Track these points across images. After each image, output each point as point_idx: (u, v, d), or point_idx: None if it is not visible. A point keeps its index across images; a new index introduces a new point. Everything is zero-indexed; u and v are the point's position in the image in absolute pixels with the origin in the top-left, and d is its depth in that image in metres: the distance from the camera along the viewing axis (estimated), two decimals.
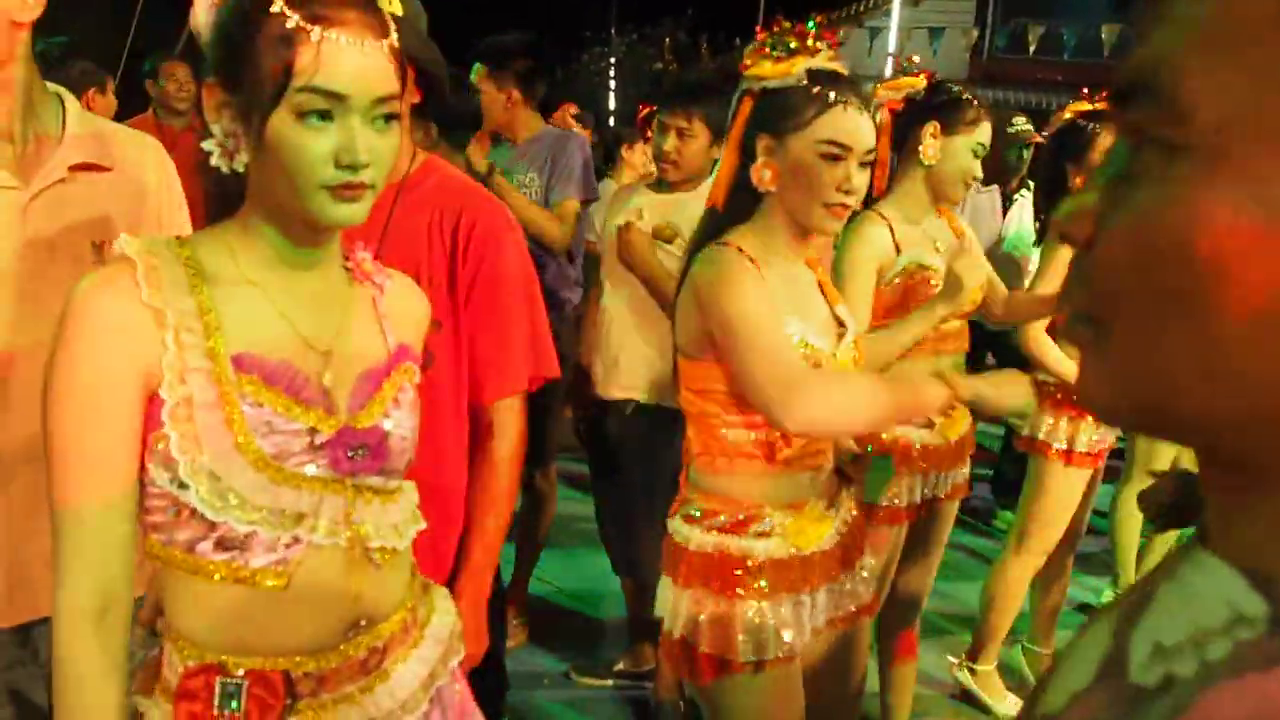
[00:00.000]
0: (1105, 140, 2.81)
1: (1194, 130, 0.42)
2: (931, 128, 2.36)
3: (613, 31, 15.91)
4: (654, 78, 15.66)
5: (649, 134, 3.42)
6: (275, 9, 1.02)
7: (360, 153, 1.05)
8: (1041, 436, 2.93)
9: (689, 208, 2.61)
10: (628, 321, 2.90)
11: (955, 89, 2.43)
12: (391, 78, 1.07)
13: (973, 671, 3.19)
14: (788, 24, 1.66)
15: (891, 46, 10.83)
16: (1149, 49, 0.44)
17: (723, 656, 1.67)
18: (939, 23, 12.33)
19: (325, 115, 1.04)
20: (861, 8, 14.01)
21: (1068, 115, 2.99)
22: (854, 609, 1.81)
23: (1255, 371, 0.42)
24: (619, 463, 3.00)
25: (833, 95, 1.64)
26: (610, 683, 3.20)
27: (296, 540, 1.10)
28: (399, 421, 1.19)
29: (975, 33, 13.32)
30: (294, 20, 1.01)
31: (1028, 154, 4.18)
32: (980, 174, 2.46)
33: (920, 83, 2.41)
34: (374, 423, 1.16)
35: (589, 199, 3.42)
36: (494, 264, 1.71)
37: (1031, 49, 12.97)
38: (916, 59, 2.67)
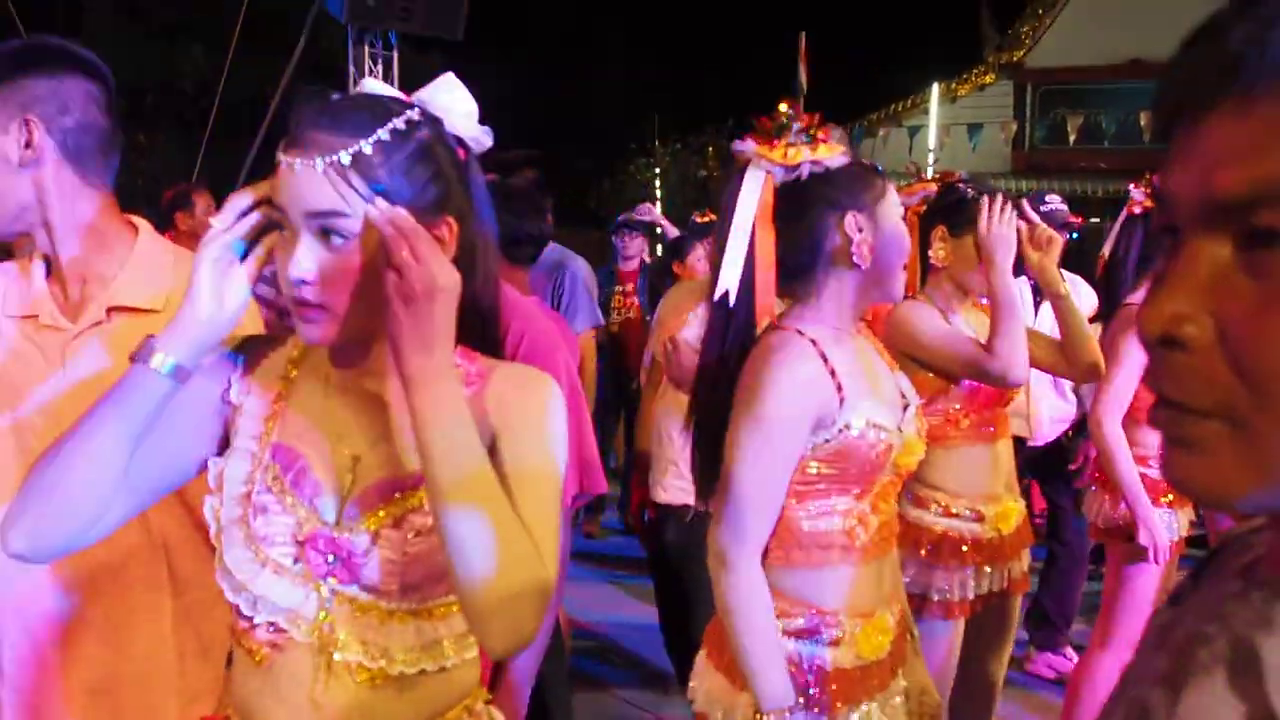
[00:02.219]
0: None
1: None
2: (939, 231, 2.38)
3: (656, 142, 16.31)
4: (699, 184, 15.97)
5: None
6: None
7: (296, 264, 1.05)
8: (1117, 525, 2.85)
9: None
10: (681, 425, 2.89)
11: (960, 189, 2.41)
12: (327, 194, 1.04)
13: None
14: (782, 116, 1.62)
15: (932, 143, 10.95)
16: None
17: None
18: (977, 118, 12.46)
19: (290, 235, 1.07)
20: (900, 108, 14.24)
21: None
22: None
23: None
24: (679, 572, 2.96)
25: (879, 165, 1.68)
26: None
27: (277, 628, 1.14)
28: (393, 541, 1.13)
29: (1014, 126, 13.45)
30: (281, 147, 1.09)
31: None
32: None
33: (931, 185, 2.43)
34: (353, 535, 1.13)
35: (598, 325, 3.76)
36: None
37: (1071, 139, 13.06)
38: (913, 165, 2.71)
